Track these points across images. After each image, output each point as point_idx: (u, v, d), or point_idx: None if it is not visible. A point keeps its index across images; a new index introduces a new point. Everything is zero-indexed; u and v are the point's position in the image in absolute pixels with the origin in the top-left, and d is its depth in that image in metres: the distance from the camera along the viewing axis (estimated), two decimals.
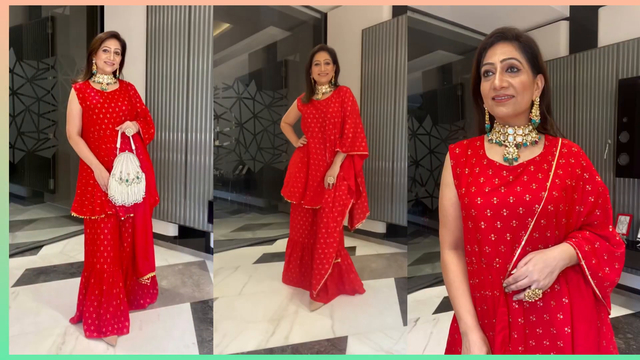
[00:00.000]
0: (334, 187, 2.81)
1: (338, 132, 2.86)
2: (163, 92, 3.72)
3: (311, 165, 2.94)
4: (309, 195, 2.92)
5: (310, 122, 2.94)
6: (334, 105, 2.86)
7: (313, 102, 2.93)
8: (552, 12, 3.87)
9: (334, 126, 2.86)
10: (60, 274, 3.17)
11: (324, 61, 2.85)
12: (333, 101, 2.86)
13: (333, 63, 2.88)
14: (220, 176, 5.27)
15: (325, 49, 2.88)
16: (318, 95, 2.93)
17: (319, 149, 2.91)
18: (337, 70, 2.93)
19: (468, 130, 4.68)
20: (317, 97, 2.93)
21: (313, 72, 2.89)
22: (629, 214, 3.29)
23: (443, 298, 3.19)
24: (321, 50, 2.88)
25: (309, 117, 2.94)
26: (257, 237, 4.57)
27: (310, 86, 2.95)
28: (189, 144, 3.62)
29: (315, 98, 2.94)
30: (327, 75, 2.86)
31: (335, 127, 2.86)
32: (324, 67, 2.84)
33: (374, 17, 4.23)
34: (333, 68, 2.89)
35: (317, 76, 2.87)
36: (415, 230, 4.68)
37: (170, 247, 3.83)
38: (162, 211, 3.80)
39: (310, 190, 2.92)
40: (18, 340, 2.26)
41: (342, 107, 2.88)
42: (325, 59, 2.84)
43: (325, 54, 2.85)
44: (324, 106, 2.89)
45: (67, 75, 4.52)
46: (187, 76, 3.59)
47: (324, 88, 2.92)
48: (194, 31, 3.53)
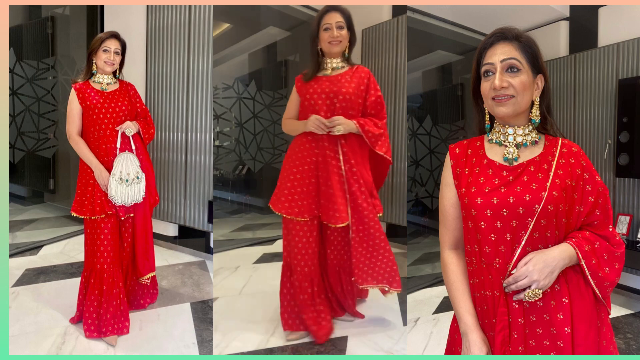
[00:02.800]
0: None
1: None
2: (163, 92, 3.72)
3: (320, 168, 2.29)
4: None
5: (315, 103, 2.22)
6: (350, 83, 2.20)
7: (319, 78, 2.25)
8: (552, 12, 3.87)
9: (350, 109, 2.20)
10: (60, 274, 3.17)
11: (336, 24, 2.16)
12: (348, 79, 2.22)
13: (348, 29, 2.20)
14: (220, 176, 5.27)
15: (337, 9, 2.17)
16: (327, 71, 2.25)
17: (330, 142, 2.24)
18: (353, 41, 2.26)
19: (468, 130, 4.68)
20: (326, 73, 2.25)
21: (321, 39, 2.20)
22: (629, 214, 3.29)
23: (443, 298, 3.19)
24: (332, 10, 2.17)
25: (314, 96, 2.23)
26: (257, 237, 4.57)
27: (317, 60, 2.26)
28: (189, 144, 3.62)
29: (322, 74, 2.26)
30: (340, 43, 2.18)
31: (352, 110, 2.21)
32: (336, 31, 2.15)
33: (374, 17, 4.22)
34: (348, 35, 2.20)
35: (326, 45, 2.19)
36: (415, 230, 4.68)
37: (170, 247, 3.83)
38: (162, 211, 3.80)
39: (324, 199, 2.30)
40: (18, 340, 2.26)
41: (366, 91, 2.23)
42: (337, 21, 2.16)
43: (337, 15, 2.17)
44: (335, 83, 2.21)
45: (67, 75, 4.52)
46: (187, 76, 3.59)
47: (335, 62, 2.25)
48: (194, 31, 3.53)
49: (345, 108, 2.21)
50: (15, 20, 4.66)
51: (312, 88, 2.25)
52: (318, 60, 2.27)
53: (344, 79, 2.22)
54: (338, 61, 2.26)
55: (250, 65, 5.66)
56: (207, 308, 2.74)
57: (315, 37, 2.23)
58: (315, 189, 2.30)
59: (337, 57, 2.26)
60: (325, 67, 2.27)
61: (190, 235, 3.79)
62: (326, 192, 2.27)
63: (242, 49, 5.54)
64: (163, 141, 3.73)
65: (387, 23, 4.10)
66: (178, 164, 3.70)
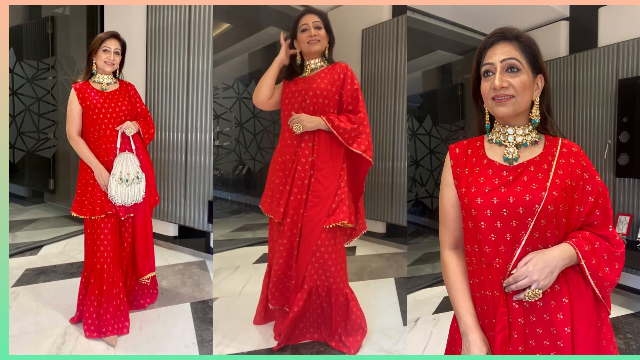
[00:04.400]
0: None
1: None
2: (163, 92, 3.72)
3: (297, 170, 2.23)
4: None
5: (289, 102, 2.23)
6: (324, 80, 2.18)
7: (297, 80, 2.25)
8: (552, 12, 3.87)
9: (325, 105, 2.17)
10: (60, 274, 3.17)
11: (314, 24, 2.16)
12: (322, 76, 2.20)
13: (325, 29, 2.20)
14: (220, 176, 5.27)
15: (312, 11, 2.19)
16: (306, 72, 2.25)
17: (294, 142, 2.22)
18: (332, 41, 2.25)
19: (468, 130, 4.68)
20: (304, 75, 2.25)
21: (300, 41, 2.20)
22: (629, 214, 3.29)
23: (443, 298, 3.19)
24: (308, 12, 2.19)
25: (288, 95, 2.24)
26: (257, 237, 4.57)
27: (291, 62, 2.26)
28: (189, 144, 3.62)
29: (302, 76, 2.25)
30: (318, 42, 2.16)
31: (327, 106, 2.18)
32: (313, 30, 2.15)
33: (374, 17, 4.22)
34: (326, 36, 2.20)
35: (305, 45, 2.18)
36: (415, 230, 4.68)
37: (170, 247, 3.83)
38: (162, 211, 3.80)
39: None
40: (18, 340, 2.26)
41: (341, 86, 2.19)
42: (314, 21, 2.16)
43: (313, 16, 2.17)
44: (308, 82, 2.20)
45: (67, 75, 4.52)
46: (187, 76, 3.59)
47: (314, 62, 2.23)
48: (194, 31, 3.53)
49: (318, 104, 2.17)
50: (15, 20, 4.66)
51: (287, 88, 2.26)
52: (292, 62, 2.26)
53: (318, 77, 2.20)
54: (317, 61, 2.23)
55: (250, 65, 5.66)
56: (207, 308, 2.74)
57: (293, 40, 2.23)
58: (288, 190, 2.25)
59: (317, 58, 2.24)
60: (305, 70, 2.25)
61: (190, 235, 3.79)
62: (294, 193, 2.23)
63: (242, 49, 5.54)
64: (163, 141, 3.73)
65: (387, 23, 4.10)
66: (178, 164, 3.70)
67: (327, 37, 2.21)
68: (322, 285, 2.22)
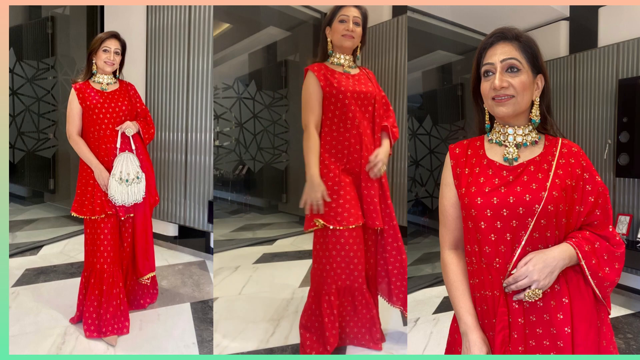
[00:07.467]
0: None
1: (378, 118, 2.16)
2: (163, 92, 3.72)
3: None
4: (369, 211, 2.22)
5: (350, 103, 2.08)
6: (369, 85, 2.14)
7: (340, 74, 2.12)
8: (552, 12, 3.87)
9: (377, 113, 2.15)
10: (60, 274, 3.17)
11: (353, 19, 2.05)
12: (365, 79, 2.16)
13: (363, 29, 2.10)
14: (220, 176, 5.27)
15: (358, 7, 2.09)
16: (340, 67, 2.14)
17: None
18: (364, 42, 2.16)
19: (468, 130, 4.68)
20: (341, 69, 2.14)
21: (334, 30, 2.07)
22: (629, 214, 3.29)
23: (443, 298, 3.19)
24: (353, 6, 2.08)
25: (347, 94, 2.07)
26: (257, 237, 4.57)
27: (325, 51, 2.13)
28: (189, 144, 3.62)
29: (339, 70, 2.13)
30: (352, 39, 2.06)
31: (379, 114, 2.16)
32: (352, 25, 2.04)
33: (374, 17, 4.22)
34: (361, 35, 2.10)
35: (338, 37, 2.06)
36: (415, 230, 4.68)
37: (170, 247, 3.83)
38: (162, 211, 3.80)
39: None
40: (18, 340, 2.26)
41: (378, 93, 2.18)
42: (355, 16, 2.05)
43: (356, 10, 2.07)
44: (358, 83, 2.12)
45: (67, 75, 4.52)
46: (187, 76, 3.59)
47: (348, 59, 2.14)
48: (194, 31, 3.53)
49: (376, 111, 2.14)
50: (15, 20, 4.66)
51: (336, 82, 2.07)
52: (326, 51, 2.13)
53: (363, 79, 2.15)
54: (349, 58, 2.14)
55: (250, 65, 5.67)
56: (207, 308, 2.74)
57: (327, 26, 2.10)
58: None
59: (347, 54, 2.14)
60: (337, 63, 2.13)
61: (190, 235, 3.79)
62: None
63: (242, 49, 5.54)
64: (163, 141, 3.73)
65: (387, 23, 4.10)
66: (178, 164, 3.70)
67: (361, 36, 2.12)
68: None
